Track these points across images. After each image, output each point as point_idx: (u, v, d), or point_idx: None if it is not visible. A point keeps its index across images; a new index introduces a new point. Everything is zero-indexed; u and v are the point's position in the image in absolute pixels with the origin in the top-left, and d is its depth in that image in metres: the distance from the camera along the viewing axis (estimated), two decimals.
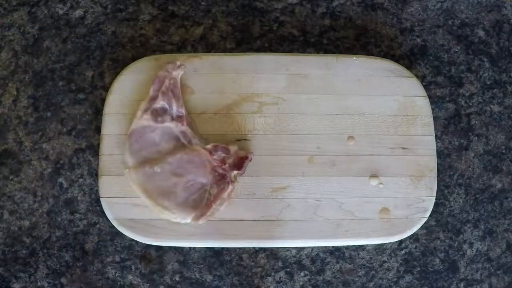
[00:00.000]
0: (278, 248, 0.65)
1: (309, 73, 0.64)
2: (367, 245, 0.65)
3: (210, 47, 0.72)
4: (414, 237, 0.66)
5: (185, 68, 0.64)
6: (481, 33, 0.75)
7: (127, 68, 0.66)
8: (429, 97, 0.67)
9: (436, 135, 0.63)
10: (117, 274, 0.64)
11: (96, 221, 0.65)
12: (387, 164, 0.63)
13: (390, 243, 0.65)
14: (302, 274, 0.65)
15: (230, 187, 0.59)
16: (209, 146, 0.60)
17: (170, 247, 0.65)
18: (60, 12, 0.74)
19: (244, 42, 0.73)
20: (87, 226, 0.65)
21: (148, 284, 0.64)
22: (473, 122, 0.71)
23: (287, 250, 0.65)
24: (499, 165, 0.69)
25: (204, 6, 0.74)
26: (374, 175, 0.62)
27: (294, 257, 0.65)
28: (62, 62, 0.71)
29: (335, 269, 0.65)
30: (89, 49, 0.72)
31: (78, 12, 0.74)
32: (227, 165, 0.59)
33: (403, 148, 0.63)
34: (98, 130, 0.67)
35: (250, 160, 0.60)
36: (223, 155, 0.60)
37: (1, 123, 0.69)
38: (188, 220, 0.58)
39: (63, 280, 0.64)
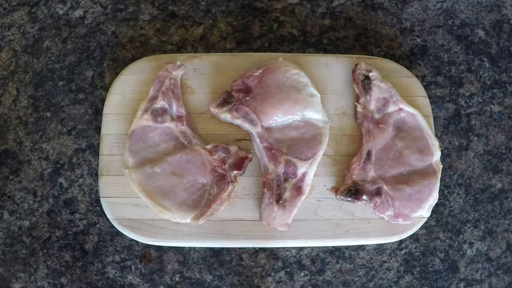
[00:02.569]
0: (278, 248, 0.65)
1: (309, 73, 0.64)
2: (367, 245, 0.65)
3: (210, 47, 0.72)
4: (414, 237, 0.66)
5: (185, 68, 0.64)
6: (481, 33, 0.75)
7: (127, 68, 0.66)
8: (429, 97, 0.67)
9: (436, 135, 0.63)
10: (117, 274, 0.64)
11: (96, 221, 0.65)
12: None
13: (390, 243, 0.65)
14: (302, 274, 0.65)
15: (230, 187, 0.58)
16: (209, 146, 0.60)
17: (170, 247, 0.65)
18: (60, 12, 0.74)
19: (244, 42, 0.73)
20: (87, 226, 0.65)
21: (148, 284, 0.64)
22: (473, 122, 0.71)
23: (287, 250, 0.65)
24: (499, 165, 0.69)
25: (204, 6, 0.74)
26: None
27: (294, 257, 0.65)
28: (62, 62, 0.71)
29: (335, 269, 0.65)
30: (89, 49, 0.72)
31: (78, 12, 0.74)
32: (227, 165, 0.59)
33: None
34: (98, 130, 0.67)
35: (250, 160, 0.60)
36: (223, 155, 0.60)
37: (1, 123, 0.69)
38: (188, 220, 0.58)
39: (63, 280, 0.64)
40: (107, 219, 0.61)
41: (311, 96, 0.62)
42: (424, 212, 0.60)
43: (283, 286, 0.64)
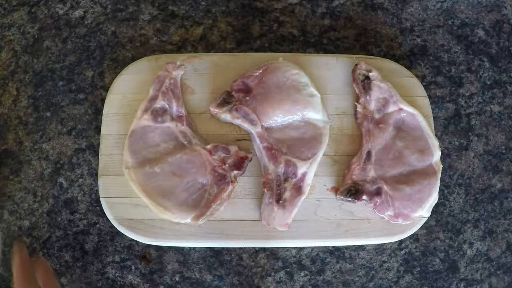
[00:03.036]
0: (278, 248, 0.65)
1: (309, 73, 0.64)
2: (367, 245, 0.65)
3: (210, 47, 0.72)
4: (414, 237, 0.66)
5: (185, 68, 0.64)
6: (481, 33, 0.75)
7: (127, 68, 0.66)
8: (429, 97, 0.67)
9: (436, 135, 0.63)
10: (117, 274, 0.64)
11: (96, 221, 0.65)
12: None
13: (390, 243, 0.65)
14: (302, 274, 0.65)
15: (230, 187, 0.58)
16: (209, 146, 0.60)
17: (170, 247, 0.65)
18: (60, 12, 0.74)
19: (244, 42, 0.73)
20: (87, 226, 0.65)
21: (148, 284, 0.64)
22: (473, 122, 0.71)
23: (287, 250, 0.65)
24: (499, 165, 0.69)
25: (204, 6, 0.74)
26: None
27: (294, 257, 0.65)
28: (62, 62, 0.71)
29: (335, 269, 0.65)
30: (89, 49, 0.72)
31: (78, 12, 0.74)
32: (227, 165, 0.59)
33: None
34: (98, 130, 0.67)
35: (250, 160, 0.60)
36: (223, 155, 0.60)
37: (1, 123, 0.69)
38: (188, 220, 0.58)
39: (63, 280, 0.64)
40: (107, 219, 0.61)
41: (311, 96, 0.62)
42: (424, 212, 0.60)
43: (283, 286, 0.64)
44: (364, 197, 0.59)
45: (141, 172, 0.59)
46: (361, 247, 0.66)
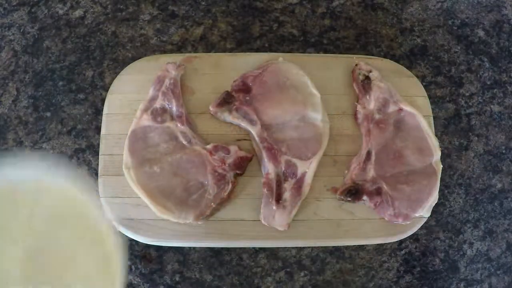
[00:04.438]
0: (278, 248, 0.65)
1: (309, 73, 0.64)
2: (367, 245, 0.65)
3: (210, 47, 0.72)
4: (414, 237, 0.66)
5: (185, 68, 0.64)
6: (481, 33, 0.75)
7: (127, 68, 0.66)
8: (429, 97, 0.67)
9: (436, 135, 0.63)
10: None
11: None
12: None
13: (390, 243, 0.65)
14: (302, 274, 0.65)
15: (230, 187, 0.59)
16: (209, 146, 0.60)
17: (170, 247, 0.65)
18: (60, 12, 0.74)
19: (244, 42, 0.73)
20: None
21: (148, 284, 0.64)
22: (473, 122, 0.71)
23: (287, 250, 0.65)
24: (499, 165, 0.69)
25: (204, 6, 0.74)
26: None
27: (294, 257, 0.65)
28: (62, 62, 0.71)
29: (335, 269, 0.65)
30: (89, 49, 0.72)
31: (78, 12, 0.74)
32: (227, 165, 0.59)
33: None
34: (98, 130, 0.67)
35: (250, 160, 0.60)
36: (223, 155, 0.60)
37: (1, 123, 0.69)
38: (188, 220, 0.58)
39: None
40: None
41: (311, 96, 0.62)
42: (424, 212, 0.60)
43: (283, 286, 0.64)
44: (364, 197, 0.59)
45: (141, 172, 0.59)
46: (361, 247, 0.66)
